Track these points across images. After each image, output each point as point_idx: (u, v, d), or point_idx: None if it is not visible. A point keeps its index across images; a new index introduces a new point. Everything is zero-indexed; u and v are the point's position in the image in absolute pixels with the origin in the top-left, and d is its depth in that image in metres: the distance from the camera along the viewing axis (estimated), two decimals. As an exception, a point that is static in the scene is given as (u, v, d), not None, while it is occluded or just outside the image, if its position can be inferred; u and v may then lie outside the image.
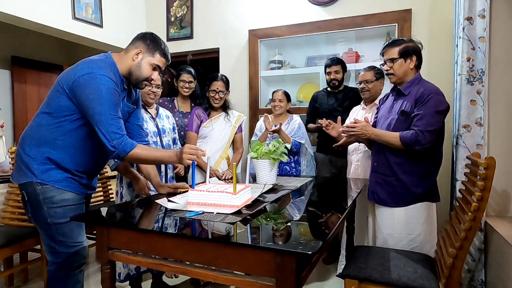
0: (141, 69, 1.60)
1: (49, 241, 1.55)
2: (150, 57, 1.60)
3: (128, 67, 1.60)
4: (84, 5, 3.14)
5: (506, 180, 2.12)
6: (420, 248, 1.85)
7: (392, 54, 1.89)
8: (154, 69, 1.63)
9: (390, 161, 1.90)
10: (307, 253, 0.94)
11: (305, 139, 2.84)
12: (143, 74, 1.61)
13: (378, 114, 2.12)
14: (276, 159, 1.97)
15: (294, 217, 1.40)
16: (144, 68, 1.60)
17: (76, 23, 3.07)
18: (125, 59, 1.60)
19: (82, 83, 1.44)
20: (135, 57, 1.59)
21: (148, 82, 1.69)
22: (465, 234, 1.41)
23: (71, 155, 1.54)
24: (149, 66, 1.61)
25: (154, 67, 1.63)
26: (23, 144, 1.54)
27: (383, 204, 1.96)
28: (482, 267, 2.12)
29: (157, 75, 1.66)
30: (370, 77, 2.47)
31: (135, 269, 2.15)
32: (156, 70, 1.64)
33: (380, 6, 2.96)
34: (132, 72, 1.60)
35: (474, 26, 2.12)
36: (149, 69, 1.61)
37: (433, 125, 1.75)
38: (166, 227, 1.24)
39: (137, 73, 1.60)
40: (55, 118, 1.50)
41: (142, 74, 1.61)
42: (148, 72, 1.62)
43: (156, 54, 1.61)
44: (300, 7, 3.29)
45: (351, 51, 3.19)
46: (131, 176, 2.03)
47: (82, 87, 1.44)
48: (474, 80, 2.12)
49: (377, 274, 1.54)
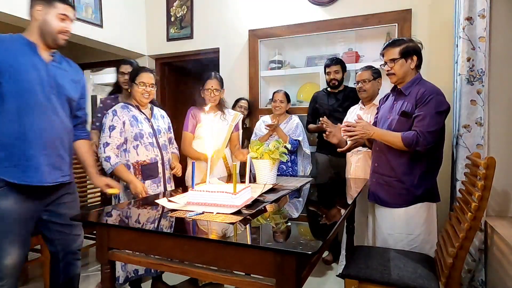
0: (49, 24, 1.58)
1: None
2: (52, 8, 1.58)
3: (37, 29, 1.59)
4: (84, 5, 3.14)
5: (506, 180, 2.12)
6: (420, 248, 1.85)
7: (393, 54, 1.89)
8: (63, 20, 1.61)
9: (390, 161, 1.90)
10: (307, 253, 0.94)
11: (302, 137, 2.85)
12: (53, 28, 1.59)
13: (378, 114, 2.12)
14: (276, 159, 1.97)
15: (294, 217, 1.40)
16: (51, 22, 1.59)
17: (76, 23, 3.07)
18: (32, 25, 1.59)
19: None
20: (38, 15, 1.58)
21: (65, 36, 1.65)
22: (465, 234, 1.41)
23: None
24: (55, 18, 1.59)
25: (62, 17, 1.60)
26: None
27: (383, 205, 1.96)
28: (482, 267, 2.12)
29: (70, 24, 1.65)
30: (367, 77, 2.47)
31: (133, 272, 2.14)
32: (66, 20, 1.62)
33: (380, 6, 2.96)
34: (43, 32, 1.59)
35: (474, 26, 2.12)
36: (57, 21, 1.60)
37: (434, 126, 1.75)
38: (166, 227, 1.24)
39: (47, 30, 1.59)
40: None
41: (52, 28, 1.59)
42: (57, 24, 1.60)
43: (55, 3, 1.59)
44: (300, 7, 3.29)
45: (351, 51, 3.19)
46: (128, 179, 2.03)
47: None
48: (474, 80, 2.12)
49: (377, 274, 1.54)
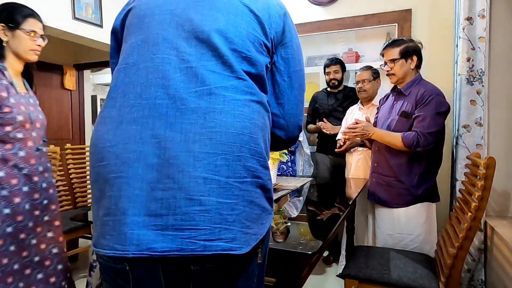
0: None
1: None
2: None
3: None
4: (84, 5, 3.14)
5: (506, 180, 2.12)
6: (420, 248, 1.85)
7: (393, 54, 1.89)
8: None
9: (390, 161, 1.90)
10: (307, 253, 0.94)
11: (302, 137, 2.85)
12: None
13: (378, 115, 2.12)
14: (276, 159, 1.97)
15: (294, 217, 1.40)
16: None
17: (76, 23, 3.06)
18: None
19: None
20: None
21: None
22: (465, 234, 1.41)
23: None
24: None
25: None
26: None
27: (383, 205, 1.96)
28: (482, 267, 2.12)
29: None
30: (367, 77, 2.47)
31: None
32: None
33: (380, 6, 2.96)
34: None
35: (474, 26, 2.12)
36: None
37: (434, 127, 1.75)
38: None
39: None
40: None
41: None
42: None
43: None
44: (300, 7, 3.29)
45: (351, 51, 3.19)
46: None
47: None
48: (474, 80, 2.12)
49: (377, 274, 1.54)
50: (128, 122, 0.71)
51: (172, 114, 0.69)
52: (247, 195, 0.70)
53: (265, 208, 0.74)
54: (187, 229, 0.65)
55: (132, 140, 0.69)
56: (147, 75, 0.72)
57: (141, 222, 0.66)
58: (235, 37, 0.74)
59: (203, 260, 0.68)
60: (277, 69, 0.86)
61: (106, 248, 0.68)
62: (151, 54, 0.74)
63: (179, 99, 0.69)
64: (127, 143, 0.69)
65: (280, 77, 0.86)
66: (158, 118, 0.69)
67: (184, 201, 0.65)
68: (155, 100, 0.70)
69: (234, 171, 0.68)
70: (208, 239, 0.65)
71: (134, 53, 0.76)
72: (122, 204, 0.67)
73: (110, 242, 0.68)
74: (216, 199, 0.66)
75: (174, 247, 0.65)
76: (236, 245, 0.67)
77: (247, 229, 0.69)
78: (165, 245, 0.65)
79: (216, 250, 0.65)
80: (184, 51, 0.73)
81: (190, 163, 0.66)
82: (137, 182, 0.67)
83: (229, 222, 0.67)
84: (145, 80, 0.72)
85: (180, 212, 0.65)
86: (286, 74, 0.86)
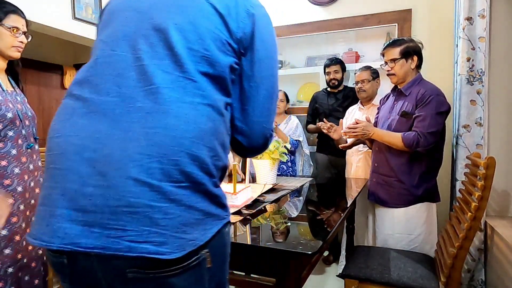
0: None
1: None
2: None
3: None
4: (84, 5, 3.14)
5: (506, 180, 2.12)
6: (420, 248, 1.85)
7: (393, 54, 1.89)
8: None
9: (390, 161, 1.90)
10: (307, 253, 0.94)
11: (302, 137, 2.85)
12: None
13: (379, 115, 2.12)
14: (276, 159, 1.97)
15: (294, 217, 1.40)
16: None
17: (76, 23, 3.06)
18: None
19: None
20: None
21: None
22: (465, 234, 1.41)
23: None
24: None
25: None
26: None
27: (383, 205, 1.96)
28: (482, 267, 2.12)
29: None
30: (366, 77, 2.48)
31: None
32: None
33: (380, 6, 2.96)
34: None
35: (474, 26, 2.12)
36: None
37: (435, 127, 1.75)
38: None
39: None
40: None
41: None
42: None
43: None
44: (300, 7, 3.29)
45: (351, 51, 3.19)
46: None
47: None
48: (474, 80, 2.12)
49: (377, 274, 1.54)
50: (78, 116, 0.71)
51: (119, 112, 0.68)
52: (186, 199, 0.66)
53: (210, 214, 0.70)
54: (114, 228, 0.63)
55: (76, 134, 0.69)
56: (104, 71, 0.72)
57: (69, 215, 0.65)
58: (193, 35, 0.72)
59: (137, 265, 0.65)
60: (244, 73, 0.80)
61: (34, 238, 0.68)
62: (110, 50, 0.74)
63: (128, 97, 0.68)
64: (71, 136, 0.69)
65: (247, 82, 0.80)
66: (105, 115, 0.68)
67: (113, 200, 0.63)
68: (107, 97, 0.70)
69: (169, 176, 0.65)
70: (134, 241, 0.63)
71: (97, 49, 0.77)
72: (54, 196, 0.67)
73: (38, 232, 0.67)
74: (146, 202, 0.63)
75: (98, 244, 0.63)
76: (166, 249, 0.63)
77: (182, 234, 0.65)
78: (89, 242, 0.63)
79: (141, 252, 0.62)
80: (140, 48, 0.72)
81: (124, 163, 0.64)
82: (72, 175, 0.66)
83: (161, 226, 0.64)
84: (101, 77, 0.72)
85: (108, 211, 0.63)
86: (253, 79, 0.80)
